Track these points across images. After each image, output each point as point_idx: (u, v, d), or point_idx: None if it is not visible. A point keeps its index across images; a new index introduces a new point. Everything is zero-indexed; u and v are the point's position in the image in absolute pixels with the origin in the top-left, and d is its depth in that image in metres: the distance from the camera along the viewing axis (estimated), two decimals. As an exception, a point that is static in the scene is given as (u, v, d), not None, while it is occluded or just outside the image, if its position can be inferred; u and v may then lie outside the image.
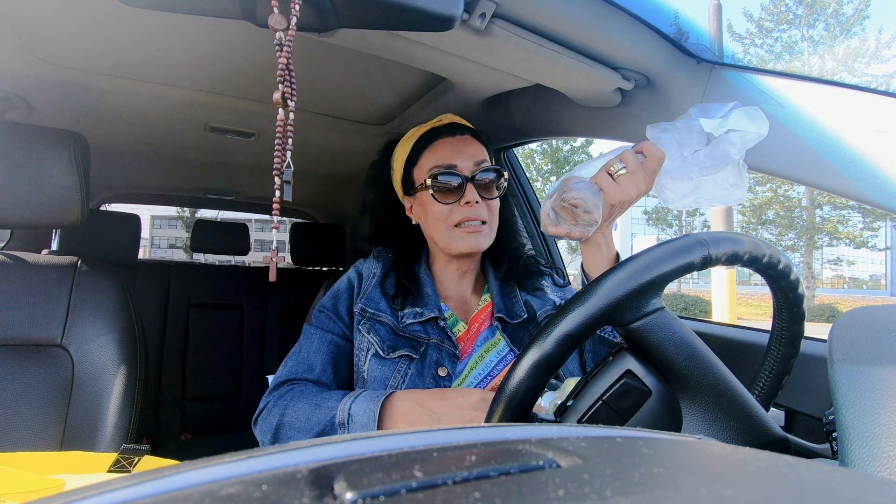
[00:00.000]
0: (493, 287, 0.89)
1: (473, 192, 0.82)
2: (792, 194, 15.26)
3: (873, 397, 0.31)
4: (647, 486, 0.19)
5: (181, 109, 1.21)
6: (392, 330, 0.81)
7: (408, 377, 0.78)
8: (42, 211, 0.84)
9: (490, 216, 0.84)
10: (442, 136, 0.86)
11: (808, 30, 15.44)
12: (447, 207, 0.83)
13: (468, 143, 0.86)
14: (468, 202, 0.81)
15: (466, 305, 0.89)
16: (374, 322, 0.82)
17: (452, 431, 0.27)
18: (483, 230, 0.83)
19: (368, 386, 0.79)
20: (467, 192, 0.82)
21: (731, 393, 0.45)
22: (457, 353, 0.80)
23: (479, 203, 0.82)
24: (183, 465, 0.20)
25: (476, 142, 0.87)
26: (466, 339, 0.84)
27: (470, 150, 0.85)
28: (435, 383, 0.78)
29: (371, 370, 0.79)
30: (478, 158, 0.84)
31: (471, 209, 0.81)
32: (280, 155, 0.50)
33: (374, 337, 0.80)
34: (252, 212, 2.61)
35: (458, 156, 0.83)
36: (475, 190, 0.82)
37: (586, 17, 0.71)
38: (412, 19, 0.56)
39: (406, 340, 0.80)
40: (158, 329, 1.82)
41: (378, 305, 0.83)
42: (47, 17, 0.81)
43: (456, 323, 0.86)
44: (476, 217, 0.82)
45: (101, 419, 0.84)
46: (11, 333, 0.83)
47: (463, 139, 0.86)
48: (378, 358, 0.79)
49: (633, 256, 0.45)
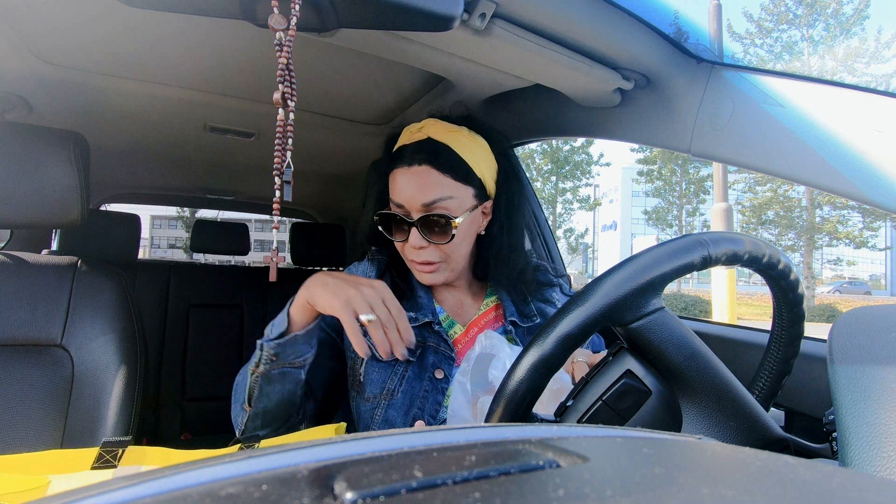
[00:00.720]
0: (502, 291, 0.87)
1: (417, 238, 0.76)
2: (792, 194, 15.27)
3: (873, 397, 0.31)
4: (648, 486, 0.19)
5: (181, 109, 1.21)
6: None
7: (405, 380, 0.77)
8: (42, 211, 0.84)
9: (443, 256, 0.79)
10: (402, 162, 0.78)
11: (808, 30, 15.44)
12: (399, 245, 0.81)
13: (423, 175, 0.75)
14: (413, 247, 0.77)
15: (463, 308, 0.88)
16: None
17: (452, 432, 0.27)
18: (436, 269, 0.79)
19: (365, 388, 0.79)
20: (412, 238, 0.77)
21: (731, 393, 0.45)
22: (452, 355, 0.80)
23: (426, 247, 0.77)
24: (183, 466, 0.20)
25: (435, 174, 0.75)
26: (464, 342, 0.83)
27: (422, 184, 0.75)
28: (432, 386, 0.77)
29: (368, 373, 0.79)
30: (428, 199, 0.74)
31: (417, 252, 0.78)
32: (280, 155, 0.50)
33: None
34: (252, 212, 2.61)
35: (406, 193, 0.76)
36: (419, 236, 0.76)
37: (586, 17, 0.71)
38: (412, 19, 0.56)
39: None
40: (158, 329, 1.82)
41: None
42: (47, 17, 0.81)
43: (452, 325, 0.85)
44: (423, 260, 0.78)
45: (100, 419, 0.84)
46: (11, 333, 0.83)
47: (418, 170, 0.76)
48: (375, 361, 0.79)
49: (633, 256, 0.45)
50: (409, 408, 0.76)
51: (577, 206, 19.38)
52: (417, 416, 0.76)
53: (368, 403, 0.78)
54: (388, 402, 0.77)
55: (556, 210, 18.96)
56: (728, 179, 7.94)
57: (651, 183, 18.65)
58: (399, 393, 0.77)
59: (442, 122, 0.81)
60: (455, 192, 0.76)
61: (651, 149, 15.66)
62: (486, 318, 0.86)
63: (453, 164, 0.76)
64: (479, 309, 0.87)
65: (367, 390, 0.79)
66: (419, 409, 0.76)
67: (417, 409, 0.76)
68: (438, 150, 0.77)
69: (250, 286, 1.98)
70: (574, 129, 1.05)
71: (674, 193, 18.30)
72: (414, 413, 0.76)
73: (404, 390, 0.77)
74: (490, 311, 0.87)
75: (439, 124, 0.80)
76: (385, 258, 0.90)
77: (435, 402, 0.76)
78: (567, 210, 19.30)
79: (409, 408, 0.76)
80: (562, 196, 19.07)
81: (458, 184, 0.77)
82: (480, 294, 0.90)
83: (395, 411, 0.76)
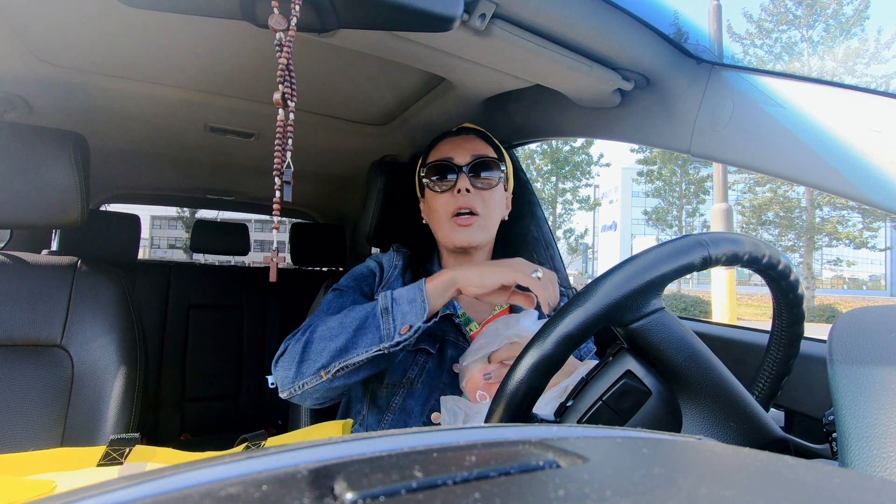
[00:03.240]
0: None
1: (465, 181, 0.84)
2: (792, 195, 15.27)
3: (873, 397, 0.31)
4: (647, 486, 0.19)
5: (181, 109, 1.21)
6: None
7: (425, 371, 0.79)
8: (42, 211, 0.84)
9: (484, 208, 0.84)
10: (448, 136, 0.91)
11: (808, 30, 15.45)
12: (443, 197, 0.85)
13: (470, 139, 0.89)
14: (459, 190, 0.83)
15: (478, 307, 0.89)
16: None
17: (452, 432, 0.27)
18: (474, 222, 0.83)
19: (386, 374, 0.79)
20: (459, 181, 0.84)
21: (731, 393, 0.45)
22: None
23: (472, 192, 0.83)
24: (183, 466, 0.20)
25: (479, 140, 0.89)
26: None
27: (469, 145, 0.87)
28: (451, 378, 0.79)
29: None
30: (476, 152, 0.86)
31: (462, 198, 0.83)
32: (280, 155, 0.50)
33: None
34: (252, 212, 2.61)
35: (456, 150, 0.87)
36: (467, 179, 0.84)
37: (586, 18, 0.71)
38: (412, 20, 0.56)
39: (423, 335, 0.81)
40: (158, 329, 1.82)
41: None
42: (47, 18, 0.81)
43: (469, 322, 0.86)
44: (467, 206, 0.83)
45: (100, 419, 0.84)
46: (11, 333, 0.83)
47: (466, 137, 0.89)
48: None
49: (633, 257, 0.45)
50: (427, 398, 0.78)
51: (576, 206, 19.39)
52: (435, 408, 0.77)
53: (387, 390, 0.80)
54: (408, 390, 0.78)
55: (555, 210, 18.97)
56: (728, 180, 7.94)
57: (651, 183, 18.65)
58: (419, 383, 0.78)
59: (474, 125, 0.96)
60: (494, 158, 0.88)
61: (651, 149, 15.66)
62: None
63: (492, 142, 0.91)
64: (494, 310, 0.89)
65: (386, 377, 0.80)
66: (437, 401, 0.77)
67: (436, 400, 0.77)
68: (481, 131, 0.92)
69: (250, 286, 1.98)
70: (574, 130, 1.05)
71: (674, 194, 18.30)
72: (432, 404, 0.77)
73: (424, 381, 0.78)
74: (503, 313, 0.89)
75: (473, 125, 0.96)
76: (408, 251, 0.93)
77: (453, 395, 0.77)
78: (567, 210, 19.30)
79: (428, 398, 0.78)
80: (562, 196, 19.07)
81: (496, 156, 0.89)
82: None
83: (413, 401, 0.78)
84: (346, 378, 0.69)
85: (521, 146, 1.30)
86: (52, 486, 0.49)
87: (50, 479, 0.50)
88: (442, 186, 0.86)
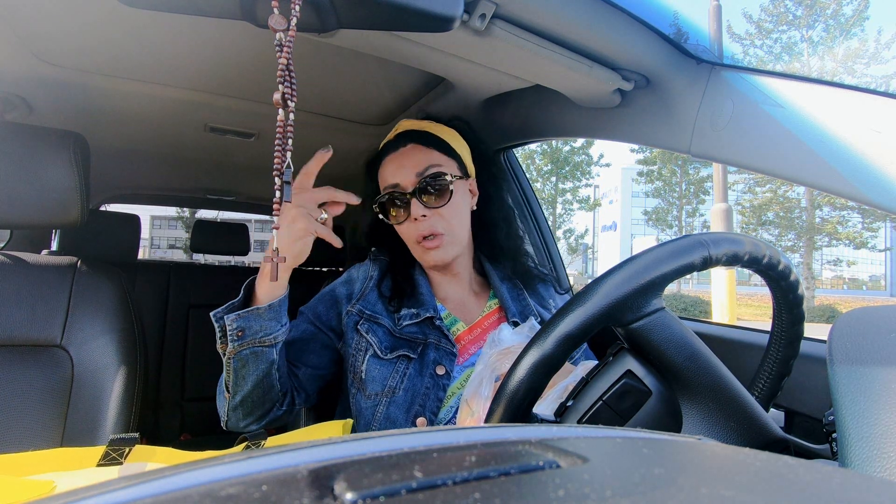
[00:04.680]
0: (502, 290, 0.88)
1: (418, 208, 0.79)
2: (791, 195, 15.27)
3: (873, 397, 0.31)
4: (647, 486, 0.19)
5: (181, 109, 1.21)
6: (389, 332, 0.81)
7: (406, 377, 0.78)
8: (42, 211, 0.84)
9: (446, 225, 0.81)
10: (388, 151, 0.85)
11: (808, 31, 15.45)
12: (403, 227, 0.83)
13: (410, 153, 0.82)
14: (416, 218, 0.80)
15: (466, 307, 0.89)
16: (372, 323, 0.82)
17: (452, 432, 0.27)
18: (441, 243, 0.81)
19: (367, 386, 0.79)
20: (412, 209, 0.80)
21: (731, 393, 0.45)
22: (454, 351, 0.80)
23: (428, 215, 0.80)
24: (183, 466, 0.20)
25: (421, 148, 0.83)
26: (469, 339, 0.84)
27: (412, 160, 0.81)
28: (433, 382, 0.78)
29: (369, 370, 0.79)
30: (420, 168, 0.80)
31: (421, 224, 0.80)
32: (280, 155, 0.50)
33: (373, 337, 0.80)
34: (252, 212, 2.61)
35: (399, 172, 0.81)
36: (420, 205, 0.79)
37: (586, 18, 0.71)
38: (412, 20, 0.56)
39: (403, 341, 0.80)
40: (158, 329, 1.82)
41: (375, 307, 0.84)
42: (47, 18, 0.81)
43: (455, 322, 0.85)
44: (428, 231, 0.80)
45: (100, 419, 0.84)
46: (11, 334, 0.83)
47: (405, 151, 0.83)
48: (376, 358, 0.79)
49: (634, 257, 0.45)
50: (410, 405, 0.77)
51: (576, 206, 19.40)
52: (419, 413, 0.76)
53: (370, 401, 0.79)
54: (390, 399, 0.77)
55: (555, 211, 18.97)
56: (728, 180, 7.94)
57: (651, 183, 18.65)
58: (401, 390, 0.77)
59: (411, 120, 0.90)
60: (442, 161, 0.83)
61: (651, 149, 15.67)
62: (490, 320, 0.87)
63: (434, 141, 0.85)
64: (483, 310, 0.88)
65: (368, 388, 0.79)
66: (420, 406, 0.76)
67: (419, 406, 0.76)
68: (418, 133, 0.85)
69: (250, 286, 1.98)
70: (574, 130, 1.05)
71: (673, 194, 18.31)
72: (416, 410, 0.76)
73: (406, 387, 0.77)
74: (493, 314, 0.88)
75: (410, 121, 0.90)
76: (386, 258, 0.91)
77: (436, 398, 0.77)
78: (567, 211, 19.31)
79: (411, 405, 0.77)
80: (562, 197, 19.08)
81: (442, 155, 0.84)
82: (483, 294, 0.91)
83: (396, 409, 0.77)
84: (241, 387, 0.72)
85: (522, 146, 1.30)
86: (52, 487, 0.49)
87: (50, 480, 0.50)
88: (398, 217, 0.83)
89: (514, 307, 0.86)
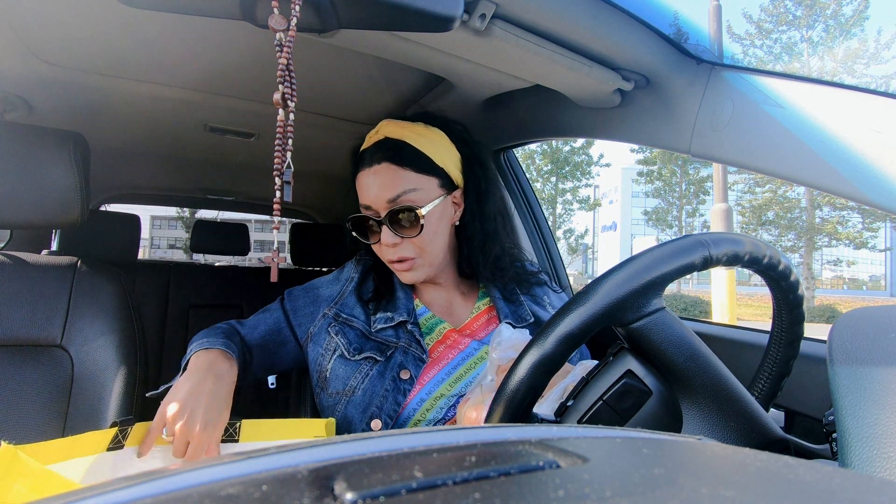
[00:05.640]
0: (493, 291, 0.87)
1: (389, 236, 0.77)
2: (791, 195, 15.28)
3: (873, 397, 0.31)
4: (647, 486, 0.19)
5: (181, 109, 1.21)
6: (362, 334, 0.81)
7: (368, 378, 0.77)
8: (42, 211, 0.84)
9: (417, 251, 0.79)
10: (363, 164, 0.80)
11: (808, 31, 15.45)
12: (375, 247, 0.82)
13: (383, 173, 0.77)
14: (386, 245, 0.78)
15: (454, 309, 0.87)
16: (344, 326, 0.82)
17: (452, 432, 0.27)
18: (412, 265, 0.79)
19: (329, 384, 0.79)
20: (383, 236, 0.78)
21: (731, 393, 0.45)
22: (423, 357, 0.78)
23: (399, 243, 0.78)
24: (183, 466, 0.20)
25: (394, 169, 0.77)
26: (455, 337, 0.82)
27: (384, 183, 0.77)
28: (394, 386, 0.76)
29: (334, 369, 0.79)
30: (392, 194, 0.76)
31: (391, 250, 0.78)
32: (280, 155, 0.50)
33: (342, 339, 0.81)
34: (252, 212, 2.61)
35: (370, 192, 0.78)
36: (390, 233, 0.77)
37: (586, 18, 0.71)
38: (412, 20, 0.56)
39: (374, 344, 0.80)
40: (158, 329, 1.82)
41: (353, 311, 0.84)
42: (47, 18, 0.81)
43: (438, 323, 0.84)
44: (397, 257, 0.78)
45: (100, 419, 0.84)
46: (11, 334, 0.83)
47: (378, 169, 0.77)
48: (342, 359, 0.79)
49: (634, 257, 0.45)
50: (367, 406, 0.76)
51: (576, 206, 19.40)
52: (374, 415, 0.75)
53: (331, 399, 0.79)
54: (349, 399, 0.77)
55: (555, 211, 18.97)
56: (728, 180, 7.94)
57: (651, 183, 18.65)
58: (360, 390, 0.77)
59: (396, 121, 0.83)
60: (418, 183, 0.77)
61: (651, 149, 15.67)
62: (480, 321, 0.86)
63: (411, 157, 0.78)
64: (472, 311, 0.87)
65: (330, 386, 0.79)
66: (377, 408, 0.75)
67: (375, 407, 0.75)
68: (395, 146, 0.78)
69: (250, 287, 1.98)
70: (574, 130, 1.05)
71: (674, 194, 18.31)
72: (371, 412, 0.75)
73: (364, 388, 0.77)
74: (483, 314, 0.86)
75: (393, 123, 0.82)
76: (370, 259, 0.91)
77: (394, 402, 0.75)
78: (567, 211, 19.31)
79: (368, 406, 0.76)
80: (562, 197, 19.08)
81: (419, 175, 0.78)
82: (471, 294, 0.90)
83: (353, 409, 0.76)
84: None
85: (522, 146, 1.30)
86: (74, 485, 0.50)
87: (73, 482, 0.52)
88: (370, 238, 0.82)
89: (507, 308, 0.85)
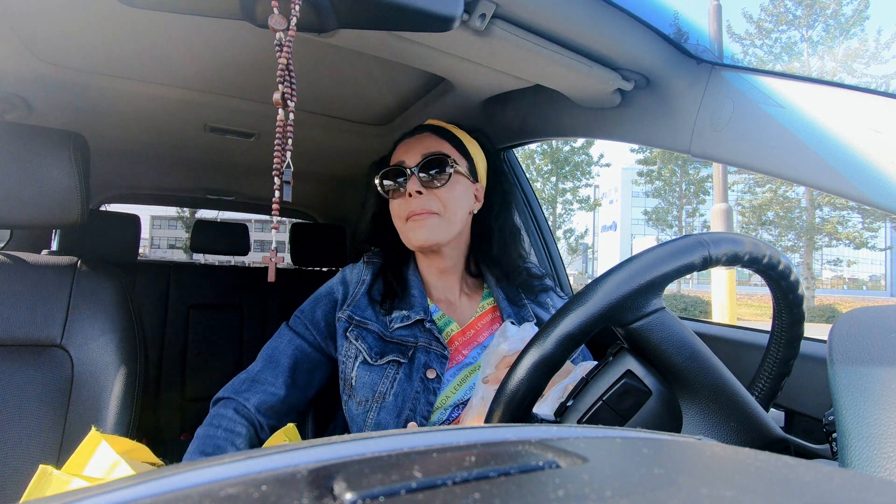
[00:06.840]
0: (497, 293, 0.88)
1: (415, 183, 0.81)
2: (791, 195, 15.27)
3: (873, 397, 0.31)
4: (647, 486, 0.19)
5: (181, 109, 1.21)
6: (379, 337, 0.81)
7: (396, 382, 0.77)
8: (42, 211, 0.84)
9: (441, 207, 0.81)
10: (405, 137, 0.88)
11: (808, 31, 15.45)
12: (396, 202, 0.84)
13: (423, 138, 0.85)
14: (410, 194, 0.81)
15: (456, 307, 0.88)
16: (361, 329, 0.81)
17: (452, 432, 0.27)
18: (429, 220, 0.81)
19: (357, 392, 0.78)
20: (409, 184, 0.82)
21: (731, 393, 0.45)
22: (445, 353, 0.79)
23: (424, 194, 0.81)
24: (183, 465, 0.20)
25: (433, 137, 0.86)
26: (462, 341, 0.83)
27: (422, 144, 0.84)
28: (424, 386, 0.77)
29: (359, 377, 0.79)
30: (427, 151, 0.83)
31: (415, 201, 0.81)
32: (280, 155, 0.50)
33: (362, 344, 0.80)
34: (252, 212, 2.61)
35: (409, 152, 0.84)
36: (417, 181, 0.81)
37: (586, 18, 0.71)
38: (412, 20, 0.56)
39: (394, 346, 0.80)
40: (158, 329, 1.82)
41: (364, 313, 0.83)
42: (47, 17, 0.81)
43: (448, 323, 0.84)
44: (420, 209, 0.80)
45: (100, 419, 0.84)
46: (11, 333, 0.83)
47: (419, 137, 0.86)
48: (366, 364, 0.79)
49: (634, 257, 0.45)
50: (400, 410, 0.76)
51: (576, 206, 19.39)
52: (409, 418, 0.75)
53: (361, 407, 0.78)
54: (380, 405, 0.77)
55: (556, 211, 18.97)
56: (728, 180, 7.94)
57: (651, 183, 18.64)
58: (390, 395, 0.77)
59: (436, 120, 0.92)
60: (452, 153, 0.85)
61: (651, 149, 15.66)
62: (484, 321, 0.86)
63: (450, 136, 0.87)
64: (476, 311, 0.87)
65: (359, 394, 0.78)
66: (411, 411, 0.76)
67: (409, 410, 0.76)
68: (437, 127, 0.89)
69: (250, 287, 1.98)
70: (574, 130, 1.05)
71: (674, 194, 18.30)
72: (406, 415, 0.76)
73: (395, 392, 0.77)
74: (487, 314, 0.87)
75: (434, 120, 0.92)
76: (380, 260, 0.90)
77: (427, 402, 0.76)
78: (567, 211, 19.31)
79: (401, 410, 0.76)
80: (562, 196, 19.07)
81: (454, 149, 0.86)
82: (476, 294, 0.90)
83: (386, 414, 0.76)
84: None
85: (522, 146, 1.30)
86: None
87: None
88: (395, 193, 0.84)
89: (510, 308, 0.86)
